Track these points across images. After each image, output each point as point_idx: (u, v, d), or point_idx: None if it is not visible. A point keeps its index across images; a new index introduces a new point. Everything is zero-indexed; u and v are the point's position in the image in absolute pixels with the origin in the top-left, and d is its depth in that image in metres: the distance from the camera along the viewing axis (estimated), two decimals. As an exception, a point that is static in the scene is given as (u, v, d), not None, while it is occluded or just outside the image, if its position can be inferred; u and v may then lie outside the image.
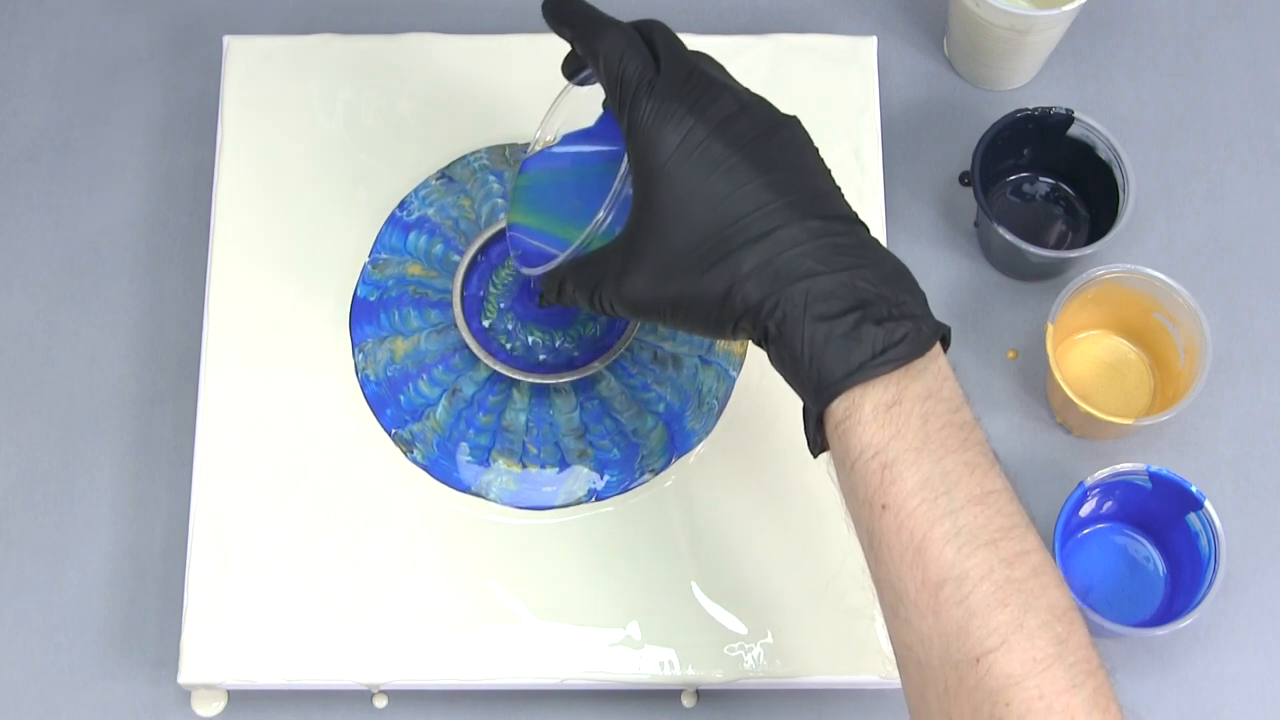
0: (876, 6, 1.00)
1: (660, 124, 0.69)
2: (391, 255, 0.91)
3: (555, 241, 0.77)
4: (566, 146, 0.80)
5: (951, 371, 0.67)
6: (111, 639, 0.89)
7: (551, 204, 0.79)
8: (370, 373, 0.89)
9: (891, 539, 0.65)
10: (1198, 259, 0.96)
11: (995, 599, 0.63)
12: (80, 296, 0.95)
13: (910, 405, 0.65)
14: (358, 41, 0.96)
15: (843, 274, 0.67)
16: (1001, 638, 0.62)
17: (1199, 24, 1.00)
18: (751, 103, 0.71)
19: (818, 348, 0.66)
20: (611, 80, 0.71)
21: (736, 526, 0.87)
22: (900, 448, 0.65)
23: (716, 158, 0.68)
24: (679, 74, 0.70)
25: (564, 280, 0.75)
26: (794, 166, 0.69)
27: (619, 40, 0.71)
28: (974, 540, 0.64)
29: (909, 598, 0.65)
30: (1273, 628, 0.89)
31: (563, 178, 0.79)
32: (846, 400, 0.66)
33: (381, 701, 0.88)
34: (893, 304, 0.67)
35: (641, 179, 0.70)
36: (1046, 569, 0.64)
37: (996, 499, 0.65)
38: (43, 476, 0.91)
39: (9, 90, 0.99)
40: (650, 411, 0.88)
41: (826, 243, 0.67)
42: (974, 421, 0.67)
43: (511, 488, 0.87)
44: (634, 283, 0.71)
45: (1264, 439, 0.92)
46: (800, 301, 0.66)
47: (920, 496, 0.64)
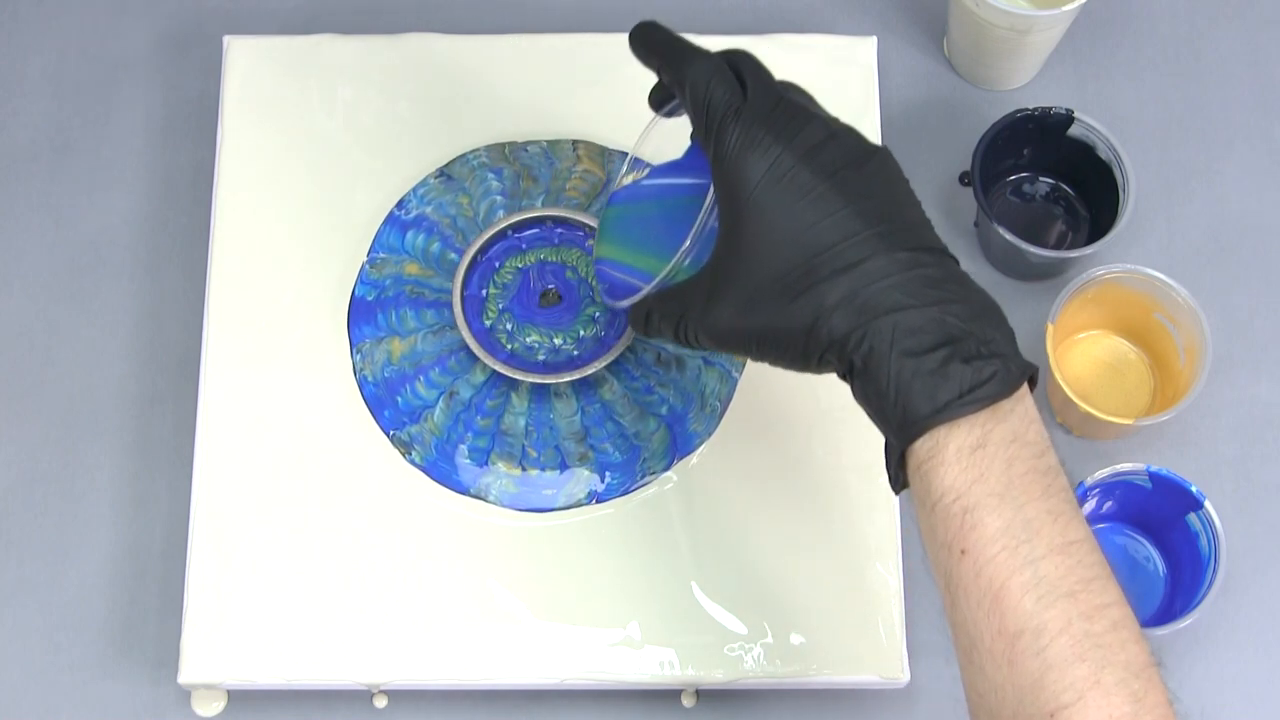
0: (876, 6, 1.00)
1: (747, 151, 0.68)
2: (389, 254, 0.91)
3: (641, 274, 0.77)
4: (653, 179, 0.79)
5: (1038, 414, 0.66)
6: (111, 639, 0.89)
7: (637, 237, 0.79)
8: (368, 373, 0.89)
9: (970, 585, 0.64)
10: (1198, 259, 0.96)
11: (1073, 653, 0.62)
12: (80, 296, 0.94)
13: (995, 449, 0.64)
14: (358, 41, 0.96)
15: (932, 308, 0.65)
16: (1078, 693, 0.61)
17: (1199, 24, 1.00)
18: (840, 131, 0.70)
19: (904, 383, 0.65)
20: (698, 108, 0.70)
21: (737, 527, 0.87)
22: (982, 493, 0.64)
23: (804, 186, 0.67)
24: (766, 102, 0.69)
25: (650, 312, 0.74)
26: (883, 196, 0.68)
27: (706, 68, 0.71)
28: (1054, 591, 0.63)
29: (984, 645, 0.64)
30: (1273, 628, 0.89)
31: (649, 210, 0.79)
32: (930, 440, 0.65)
33: (381, 701, 0.88)
34: (981, 341, 0.65)
35: (727, 207, 0.69)
36: (1126, 623, 0.63)
37: (1078, 549, 0.64)
38: (43, 476, 0.91)
39: (9, 90, 0.99)
40: (653, 414, 0.88)
41: (916, 275, 0.66)
42: (1058, 467, 0.65)
43: (511, 490, 0.87)
44: (719, 313, 0.70)
45: (1264, 439, 0.92)
46: (888, 335, 0.65)
47: (1001, 544, 0.63)
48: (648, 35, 0.75)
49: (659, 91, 0.77)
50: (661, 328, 0.74)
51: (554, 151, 0.93)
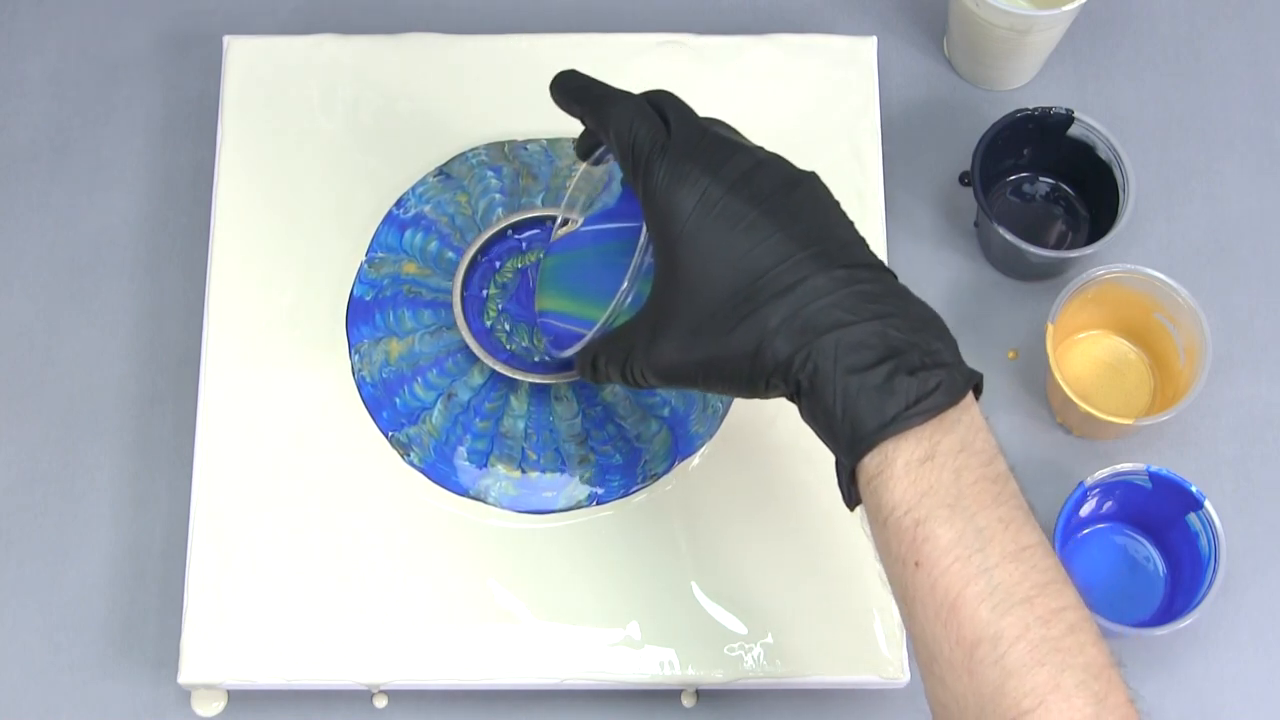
0: (876, 6, 1.00)
1: (675, 186, 0.68)
2: (388, 254, 0.91)
3: (583, 322, 0.77)
4: (588, 227, 0.80)
5: (984, 422, 0.66)
6: (111, 639, 0.89)
7: (577, 285, 0.79)
8: (367, 374, 0.89)
9: (925, 597, 0.64)
10: (1198, 259, 0.96)
11: (1031, 659, 0.62)
12: (80, 296, 0.94)
13: (943, 459, 0.64)
14: (358, 41, 0.96)
15: (873, 323, 0.66)
16: (1039, 699, 0.62)
17: (1199, 24, 1.00)
18: (767, 160, 0.70)
19: (850, 399, 0.65)
20: (624, 149, 0.71)
21: (737, 527, 0.87)
22: (933, 504, 0.64)
23: (735, 214, 0.67)
24: (691, 136, 0.70)
25: (596, 357, 0.74)
26: (815, 218, 0.68)
27: (628, 109, 0.71)
28: (1009, 598, 0.63)
29: (944, 657, 0.64)
30: (1273, 628, 0.89)
31: (586, 258, 0.79)
32: (879, 455, 0.65)
33: (381, 701, 0.88)
34: (925, 352, 0.65)
35: (661, 244, 0.69)
36: (1084, 626, 0.63)
37: (1031, 554, 0.64)
38: (43, 476, 0.91)
39: (9, 90, 0.99)
40: (655, 416, 0.88)
41: (854, 291, 0.66)
42: (1008, 473, 0.66)
43: (511, 492, 0.87)
44: (662, 350, 0.70)
45: (1264, 439, 0.92)
46: (831, 353, 0.65)
47: (954, 554, 0.63)
48: (567, 83, 0.75)
49: (585, 139, 0.77)
50: (609, 371, 0.74)
51: (554, 150, 0.93)
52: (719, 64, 0.95)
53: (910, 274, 0.94)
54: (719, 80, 0.95)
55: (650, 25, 0.98)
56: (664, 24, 0.98)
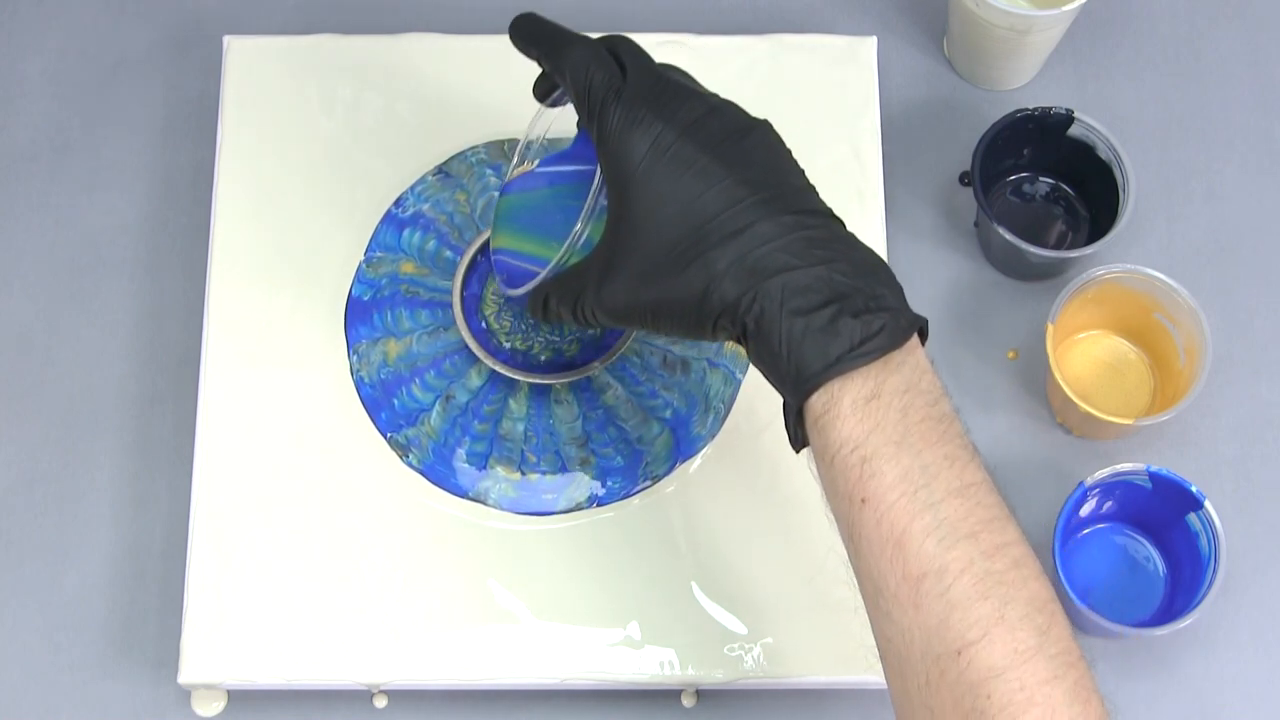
0: (876, 6, 1.00)
1: (629, 129, 0.70)
2: (386, 253, 0.91)
3: (537, 260, 0.78)
4: (544, 168, 0.81)
5: (930, 365, 0.67)
6: (111, 639, 0.89)
7: (531, 225, 0.80)
8: (365, 375, 0.89)
9: (871, 533, 0.65)
10: (1198, 259, 0.96)
11: (976, 591, 0.63)
12: (80, 296, 0.95)
13: (889, 398, 0.65)
14: (358, 41, 0.96)
15: (818, 268, 0.67)
16: (983, 630, 0.63)
17: (1199, 24, 1.00)
18: (721, 106, 0.71)
19: (795, 341, 0.66)
20: (580, 92, 0.72)
21: (737, 527, 0.87)
22: (879, 441, 0.65)
23: (687, 159, 0.69)
24: (646, 81, 0.71)
25: (548, 296, 0.76)
26: (766, 165, 0.69)
27: (584, 53, 0.72)
28: (954, 533, 0.64)
29: (889, 591, 0.65)
30: (1273, 628, 0.89)
31: (541, 198, 0.80)
32: (825, 394, 0.66)
33: (381, 701, 0.88)
34: (870, 296, 0.67)
35: (614, 187, 0.71)
36: (1027, 561, 0.64)
37: (976, 491, 0.65)
38: (43, 476, 0.91)
39: (9, 90, 0.99)
40: (656, 418, 0.88)
41: (801, 236, 0.67)
42: (953, 414, 0.67)
43: (511, 494, 0.87)
44: (612, 290, 0.72)
45: (1264, 439, 0.92)
46: (777, 296, 0.66)
47: (900, 490, 0.64)
48: (527, 26, 0.76)
49: (543, 82, 0.79)
50: (560, 311, 0.75)
51: (554, 149, 0.93)
52: (719, 64, 0.95)
53: (910, 274, 0.94)
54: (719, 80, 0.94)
55: (650, 25, 0.98)
56: (664, 24, 0.98)
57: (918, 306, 0.93)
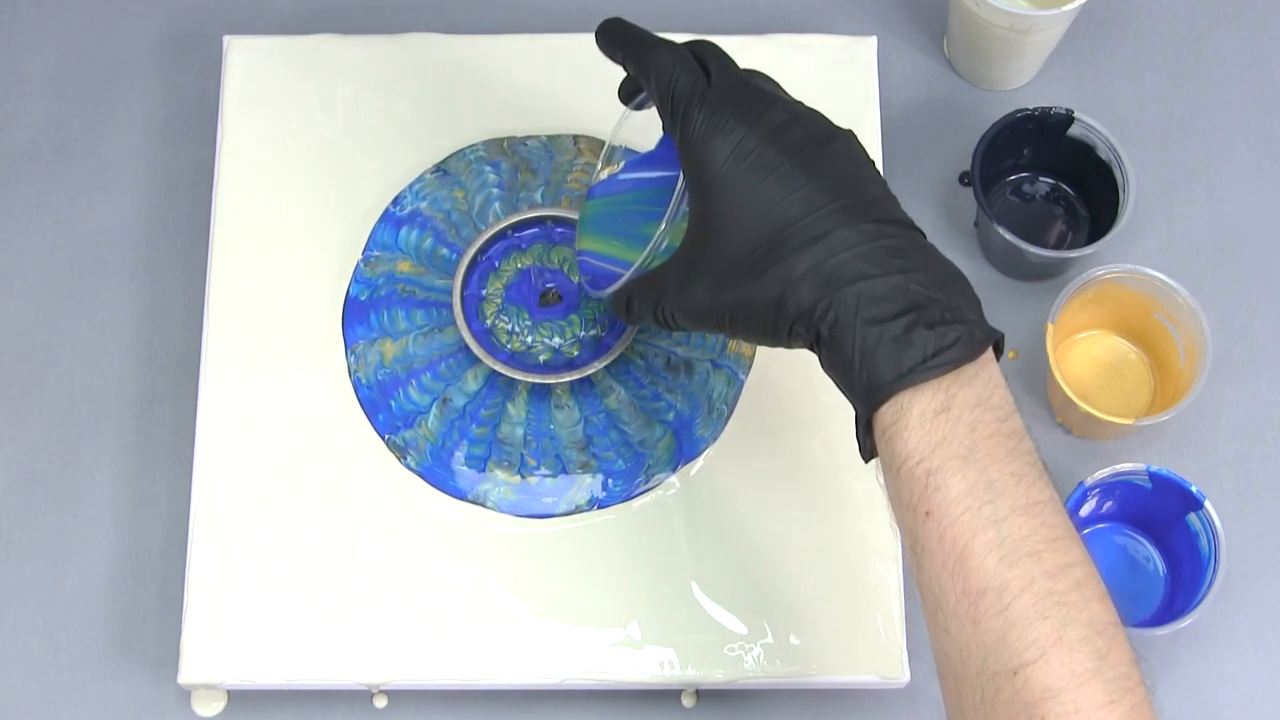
0: (876, 6, 1.00)
1: (712, 134, 0.69)
2: (383, 252, 0.91)
3: (620, 263, 0.79)
4: (628, 173, 0.81)
5: (1003, 379, 0.67)
6: (111, 639, 0.89)
7: (615, 228, 0.80)
8: (363, 376, 0.89)
9: (934, 546, 0.64)
10: (1198, 259, 0.96)
11: (1035, 611, 0.62)
12: (80, 296, 0.94)
13: (958, 412, 0.65)
14: (358, 41, 0.96)
15: (895, 277, 0.66)
16: (1040, 650, 0.62)
17: (1199, 24, 1.00)
18: (805, 114, 0.71)
19: (869, 350, 0.66)
20: (664, 95, 0.72)
21: (737, 527, 0.87)
22: (946, 455, 0.64)
23: (769, 164, 0.68)
24: (730, 86, 0.71)
25: (630, 298, 0.76)
26: (847, 173, 0.69)
27: (669, 57, 0.72)
28: (1017, 551, 0.63)
29: (949, 606, 0.64)
30: (1273, 628, 0.89)
31: (625, 202, 0.81)
32: (895, 405, 0.65)
33: (381, 701, 0.88)
34: (946, 308, 0.66)
35: (696, 190, 0.71)
36: (1090, 582, 0.64)
37: (1042, 510, 0.64)
38: (43, 476, 0.91)
39: (9, 90, 0.99)
40: (659, 421, 0.88)
41: (880, 245, 0.67)
42: (1023, 431, 0.66)
43: (510, 497, 0.87)
44: (693, 293, 0.72)
45: (1264, 439, 0.92)
46: (852, 304, 0.66)
47: (964, 505, 0.64)
48: (613, 30, 0.76)
49: (628, 84, 0.79)
50: (641, 312, 0.75)
51: (554, 146, 0.93)
52: (719, 64, 0.95)
53: (910, 274, 0.94)
54: (719, 80, 0.94)
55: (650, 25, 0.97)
56: (664, 24, 0.98)
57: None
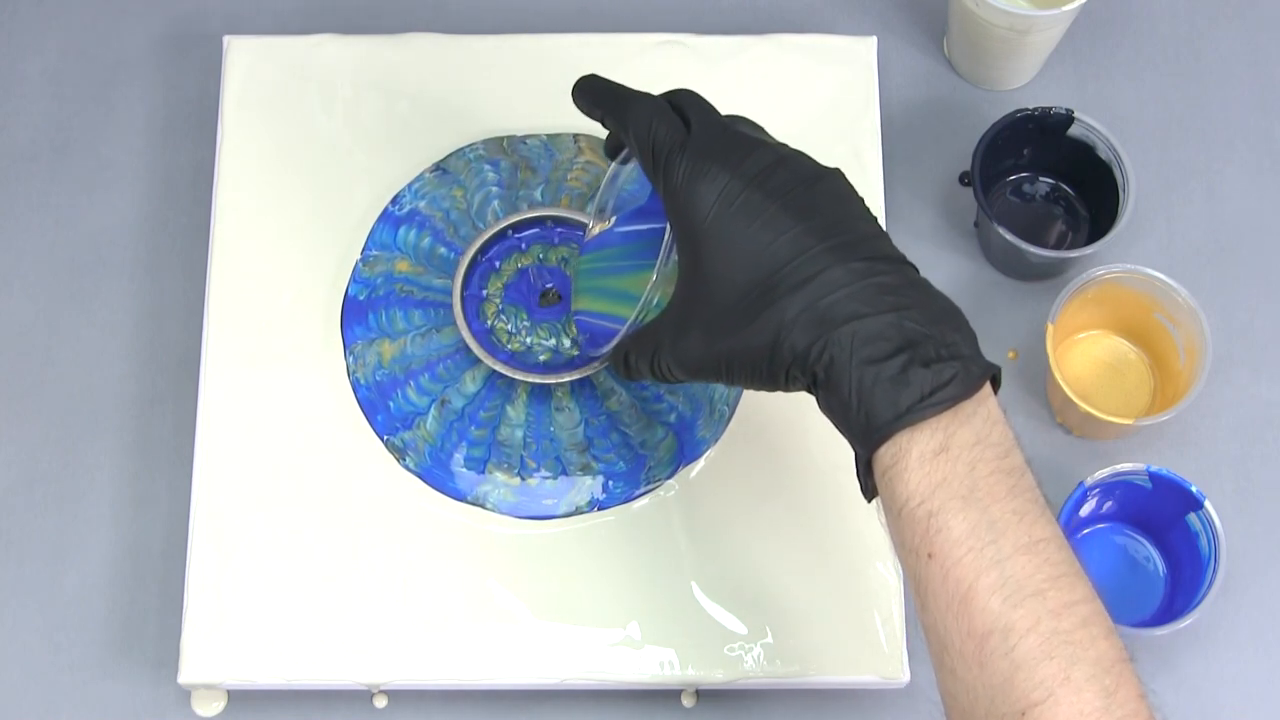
0: (876, 6, 1.00)
1: (695, 182, 0.69)
2: (382, 251, 0.91)
3: (616, 319, 0.78)
4: (619, 227, 0.81)
5: (1002, 415, 0.66)
6: (111, 639, 0.89)
7: (608, 284, 0.80)
8: (361, 376, 0.89)
9: (938, 588, 0.64)
10: (1198, 259, 0.96)
11: (1042, 651, 0.62)
12: (80, 296, 0.94)
13: (958, 451, 0.64)
14: (358, 41, 0.96)
15: (889, 315, 0.66)
16: (1048, 691, 0.62)
17: (1199, 24, 1.00)
18: (789, 156, 0.71)
19: (866, 390, 0.65)
20: (644, 147, 0.72)
21: (738, 528, 0.87)
22: (946, 496, 0.64)
23: (755, 209, 0.68)
24: (710, 134, 0.71)
25: (627, 353, 0.75)
26: (835, 212, 0.69)
27: (647, 109, 0.72)
28: (1021, 591, 0.63)
29: (955, 648, 0.64)
30: (1273, 628, 0.89)
31: (616, 256, 0.80)
32: (894, 446, 0.65)
33: (381, 701, 0.88)
34: (941, 344, 0.66)
35: (683, 240, 0.70)
36: (1096, 619, 0.63)
37: (1045, 547, 0.64)
38: (43, 476, 0.91)
39: (9, 90, 0.99)
40: (661, 422, 0.88)
41: (872, 283, 0.66)
42: (1024, 466, 0.66)
43: (510, 499, 0.87)
44: (687, 344, 0.71)
45: (1264, 439, 0.92)
46: (847, 345, 0.66)
47: (967, 546, 0.64)
48: (589, 87, 0.76)
49: (611, 139, 0.79)
50: (639, 367, 0.75)
51: (554, 144, 0.93)
52: (719, 64, 0.95)
53: (910, 274, 0.94)
54: (719, 80, 0.94)
55: (650, 25, 0.98)
56: (664, 24, 0.98)
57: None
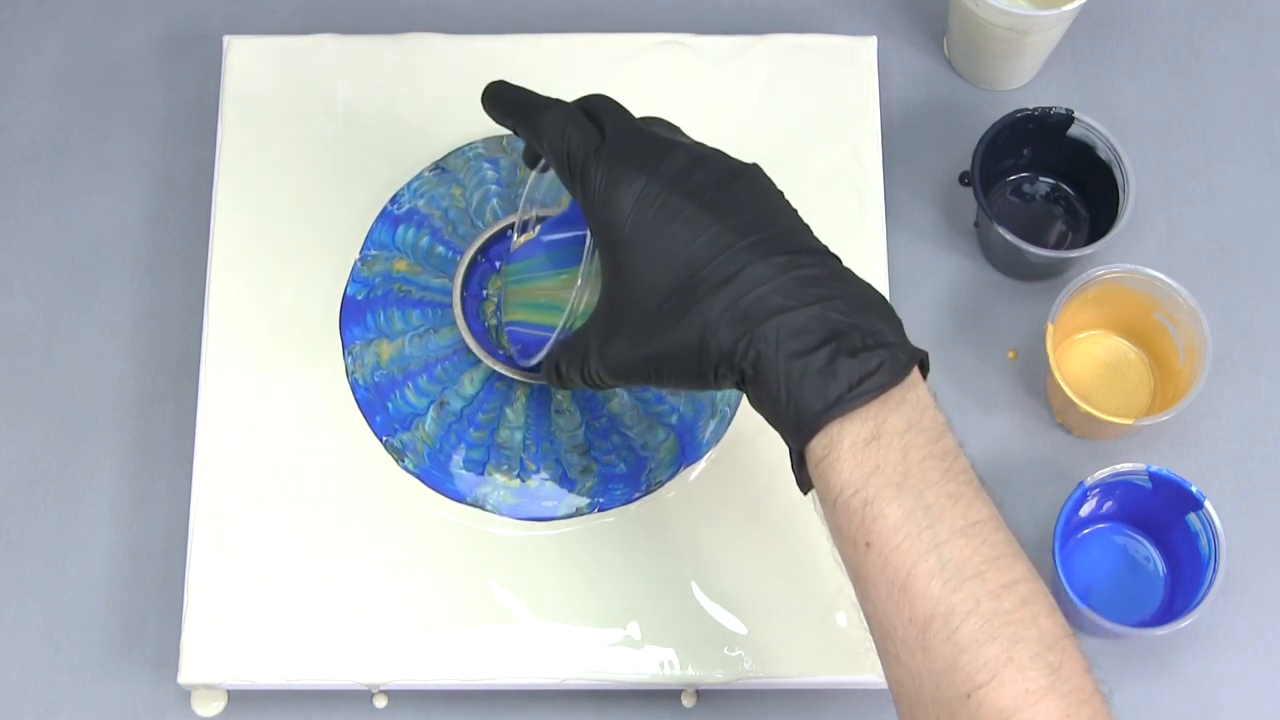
0: (876, 6, 1.00)
1: (612, 189, 0.69)
2: (380, 251, 0.91)
3: (546, 329, 0.79)
4: (544, 235, 0.81)
5: (932, 399, 0.66)
6: (111, 639, 0.89)
7: (536, 294, 0.81)
8: (360, 377, 0.89)
9: (877, 577, 0.64)
10: (1198, 259, 0.96)
11: (984, 633, 0.62)
12: (80, 296, 0.94)
13: (889, 439, 0.65)
14: (358, 41, 0.96)
15: (813, 307, 0.66)
16: (992, 672, 0.62)
17: (1199, 24, 1.00)
18: (705, 155, 0.71)
19: (794, 384, 0.65)
20: (559, 157, 0.72)
21: (738, 528, 0.87)
22: (880, 484, 0.64)
23: (673, 210, 0.68)
24: (624, 138, 0.71)
25: (558, 362, 0.75)
26: (755, 208, 0.69)
27: (558, 117, 0.72)
28: (960, 574, 0.63)
29: (897, 635, 0.64)
30: (1273, 628, 0.89)
31: (542, 265, 0.81)
32: (825, 437, 0.65)
33: (381, 701, 0.88)
34: (867, 333, 0.66)
35: (604, 247, 0.70)
36: (1036, 598, 0.64)
37: (982, 529, 0.64)
38: (43, 476, 0.91)
39: (9, 90, 0.99)
40: (663, 424, 0.88)
41: (794, 276, 0.67)
42: (957, 449, 0.66)
43: (510, 501, 0.87)
44: (615, 350, 0.71)
45: (1264, 439, 0.92)
46: (772, 339, 0.66)
47: (903, 533, 0.64)
48: (498, 95, 0.76)
49: (530, 149, 0.78)
50: (570, 376, 0.75)
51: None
52: (719, 64, 0.95)
53: (910, 274, 0.94)
54: (719, 80, 0.95)
55: (650, 25, 0.98)
56: (664, 24, 0.98)
57: (918, 306, 0.94)
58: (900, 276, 0.94)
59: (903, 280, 0.94)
